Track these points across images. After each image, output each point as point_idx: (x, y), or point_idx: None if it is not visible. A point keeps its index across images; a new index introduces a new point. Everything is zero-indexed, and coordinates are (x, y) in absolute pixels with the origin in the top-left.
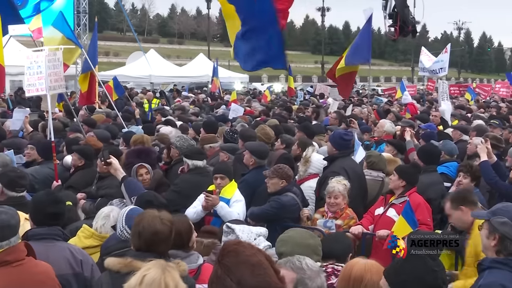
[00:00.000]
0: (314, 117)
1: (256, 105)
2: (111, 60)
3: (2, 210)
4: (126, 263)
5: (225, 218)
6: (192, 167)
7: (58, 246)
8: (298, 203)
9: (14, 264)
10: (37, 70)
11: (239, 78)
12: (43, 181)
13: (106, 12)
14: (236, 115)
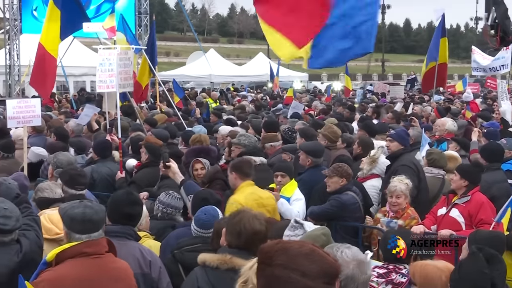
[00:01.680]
0: (374, 117)
1: (317, 103)
2: (172, 60)
3: (89, 205)
4: (226, 259)
5: (285, 215)
6: (258, 163)
7: (129, 245)
8: (359, 202)
9: (92, 256)
10: (109, 68)
11: (298, 77)
12: (101, 180)
13: (167, 13)
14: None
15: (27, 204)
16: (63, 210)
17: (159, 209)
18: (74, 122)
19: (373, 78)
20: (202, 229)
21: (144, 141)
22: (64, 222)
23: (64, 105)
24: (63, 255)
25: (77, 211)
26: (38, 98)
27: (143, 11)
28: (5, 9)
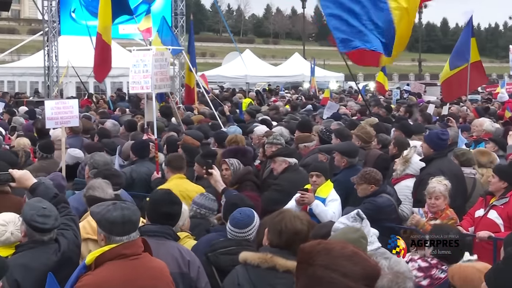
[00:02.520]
0: (407, 116)
1: (352, 104)
2: (208, 61)
3: (125, 206)
4: (267, 258)
5: (320, 216)
6: (293, 164)
7: (168, 244)
8: (394, 204)
9: (131, 257)
10: (143, 69)
11: (334, 77)
12: (140, 180)
13: (203, 14)
14: (331, 113)
15: (65, 204)
16: (99, 214)
17: (193, 209)
18: (111, 123)
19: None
20: (236, 228)
21: (181, 141)
22: (102, 226)
23: (102, 106)
24: (102, 258)
25: (116, 214)
26: (76, 99)
27: (179, 12)
28: (44, 11)
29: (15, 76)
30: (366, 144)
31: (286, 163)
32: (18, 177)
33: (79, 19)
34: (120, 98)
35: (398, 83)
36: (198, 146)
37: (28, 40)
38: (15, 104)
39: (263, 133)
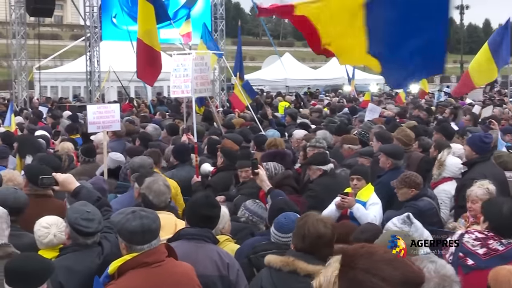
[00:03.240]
0: (452, 119)
1: (391, 106)
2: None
3: (144, 215)
4: (289, 261)
5: (361, 220)
6: (328, 171)
7: (207, 247)
8: (435, 207)
9: (153, 265)
10: (184, 73)
11: (374, 79)
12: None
13: (242, 18)
14: (373, 116)
15: (108, 207)
16: (119, 224)
17: (245, 215)
18: (152, 127)
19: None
20: (280, 233)
21: (221, 145)
22: (122, 236)
23: (143, 110)
24: (125, 266)
25: (135, 224)
26: (117, 103)
27: (219, 16)
28: (86, 17)
29: (58, 81)
30: (406, 146)
31: (320, 171)
32: (62, 180)
33: (120, 24)
34: (160, 102)
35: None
36: (237, 150)
37: (71, 46)
38: (58, 108)
39: (302, 137)
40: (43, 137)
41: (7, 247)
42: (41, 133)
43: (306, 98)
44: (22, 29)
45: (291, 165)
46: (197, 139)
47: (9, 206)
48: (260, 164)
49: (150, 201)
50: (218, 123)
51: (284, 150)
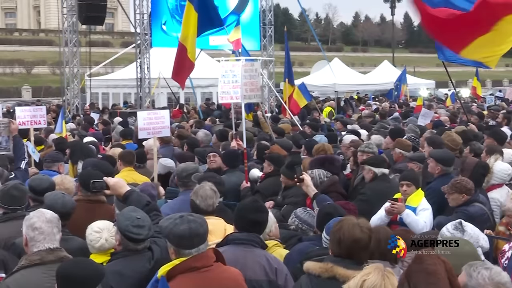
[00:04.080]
0: (505, 123)
1: (442, 111)
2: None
3: (192, 219)
4: (327, 268)
5: (411, 226)
6: (379, 174)
7: (255, 252)
8: (487, 213)
9: (201, 270)
10: (232, 79)
11: (424, 84)
12: (230, 189)
13: (291, 23)
14: (425, 121)
15: (157, 212)
16: (167, 229)
17: (295, 223)
18: (203, 132)
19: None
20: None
21: (268, 151)
22: (171, 240)
23: (192, 116)
24: (174, 271)
25: (183, 228)
26: (167, 109)
27: (268, 22)
28: (136, 24)
29: (109, 88)
30: (453, 152)
31: (372, 173)
32: (112, 184)
33: (170, 31)
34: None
35: (492, 89)
36: (285, 155)
37: (121, 53)
38: (109, 115)
39: (350, 142)
40: (93, 143)
41: (59, 251)
42: (90, 139)
43: (354, 103)
44: (74, 37)
45: (340, 171)
46: (246, 145)
47: (56, 211)
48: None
49: (197, 205)
50: (267, 128)
51: (333, 155)
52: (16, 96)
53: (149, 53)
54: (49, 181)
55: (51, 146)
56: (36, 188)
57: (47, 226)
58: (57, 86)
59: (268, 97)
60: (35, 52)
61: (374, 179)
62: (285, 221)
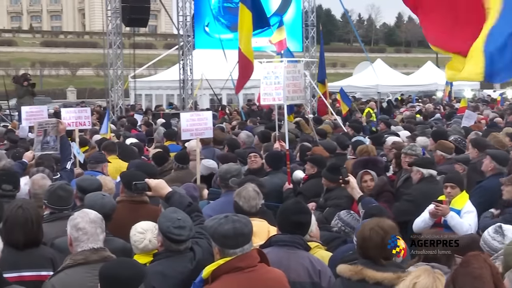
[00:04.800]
0: None
1: (488, 112)
2: (338, 71)
3: (236, 219)
4: (357, 270)
5: (456, 228)
6: (426, 175)
7: (299, 254)
8: None
9: (246, 270)
10: (275, 81)
11: (469, 85)
12: (273, 191)
13: (333, 24)
14: (469, 122)
15: (199, 213)
16: (211, 228)
17: (338, 225)
18: (245, 134)
19: None
20: None
21: (311, 152)
22: (216, 240)
23: (235, 117)
24: (218, 271)
25: (228, 227)
26: (210, 111)
27: (310, 23)
28: (179, 26)
29: (152, 90)
30: None
31: (420, 174)
32: (154, 186)
33: (213, 33)
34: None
35: None
36: (327, 157)
37: (164, 55)
38: (152, 116)
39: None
40: (137, 144)
41: (103, 251)
42: (132, 141)
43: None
44: (118, 39)
45: (383, 172)
46: (288, 146)
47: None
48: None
49: (240, 207)
50: (310, 129)
51: (376, 157)
52: (61, 97)
53: (192, 54)
54: (98, 182)
55: (95, 147)
56: (86, 188)
57: (91, 227)
58: (101, 88)
59: (310, 98)
60: (80, 54)
61: (421, 180)
62: (328, 223)
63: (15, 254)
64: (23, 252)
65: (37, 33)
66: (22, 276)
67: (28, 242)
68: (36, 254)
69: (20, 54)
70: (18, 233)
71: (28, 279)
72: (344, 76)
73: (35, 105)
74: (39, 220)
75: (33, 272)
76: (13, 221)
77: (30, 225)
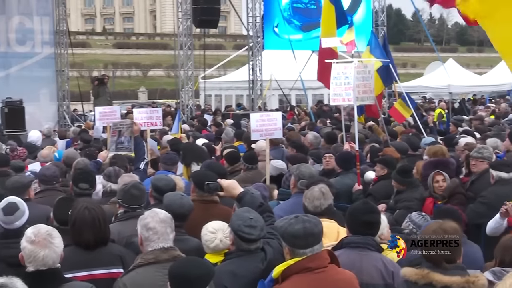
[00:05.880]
0: None
1: None
2: (409, 71)
3: (307, 219)
4: (424, 274)
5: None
6: (496, 178)
7: (371, 255)
8: None
9: (316, 271)
10: (345, 81)
11: None
12: (343, 191)
13: (403, 24)
14: None
15: (270, 213)
16: (282, 228)
17: (409, 227)
18: (312, 135)
19: None
20: None
21: (382, 153)
22: (286, 240)
23: (303, 118)
24: (289, 271)
25: (298, 227)
26: (280, 111)
27: (380, 23)
28: (249, 27)
29: (221, 90)
30: None
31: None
32: (226, 186)
33: (282, 34)
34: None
35: None
36: (398, 158)
37: (234, 56)
38: (222, 117)
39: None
40: (207, 145)
41: (173, 250)
42: (203, 141)
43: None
44: (189, 40)
45: (455, 174)
46: (358, 147)
47: (174, 211)
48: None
49: (305, 207)
50: (385, 130)
51: (448, 158)
52: (133, 98)
53: (261, 55)
54: (174, 183)
55: (166, 147)
56: (162, 188)
57: (161, 226)
58: (171, 88)
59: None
60: (151, 55)
61: (496, 183)
62: (398, 225)
63: (85, 253)
64: (93, 251)
65: (110, 35)
66: (93, 274)
67: (97, 241)
68: (105, 253)
69: (93, 55)
70: (87, 233)
71: (99, 277)
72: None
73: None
74: (105, 219)
75: (103, 270)
76: (81, 222)
77: (98, 225)
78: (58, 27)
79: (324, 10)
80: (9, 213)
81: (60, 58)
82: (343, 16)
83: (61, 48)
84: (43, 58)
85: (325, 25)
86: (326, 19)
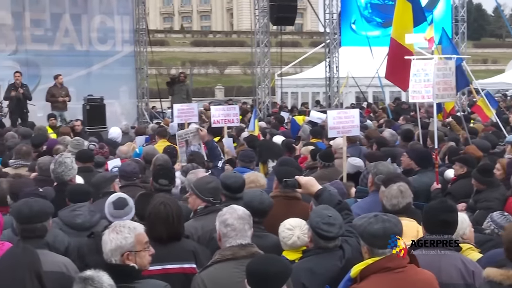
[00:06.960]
0: None
1: None
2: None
3: (386, 218)
4: (509, 275)
5: None
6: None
7: (450, 255)
8: None
9: (395, 270)
10: (424, 78)
11: None
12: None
13: (484, 19)
14: None
15: (348, 211)
16: (361, 227)
17: (490, 227)
18: (389, 133)
19: None
20: None
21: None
22: (364, 239)
23: (380, 115)
24: (367, 270)
25: (377, 227)
26: (357, 109)
27: (460, 18)
28: (326, 24)
29: (298, 87)
30: None
31: None
32: (304, 183)
33: (359, 30)
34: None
35: None
36: (480, 156)
37: (310, 53)
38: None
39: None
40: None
41: (250, 247)
42: (279, 138)
43: None
44: (266, 37)
45: None
46: (437, 145)
47: (254, 208)
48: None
49: (383, 205)
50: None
51: None
52: (210, 95)
53: (338, 52)
54: (243, 180)
55: (242, 144)
56: (231, 185)
57: (239, 223)
58: (248, 86)
59: (460, 95)
60: (228, 53)
61: None
62: (478, 226)
63: (158, 247)
64: (166, 246)
65: (188, 33)
66: (166, 268)
67: (170, 236)
68: (179, 248)
69: (171, 53)
70: (160, 228)
71: (172, 272)
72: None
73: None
74: (179, 215)
75: (176, 264)
76: (155, 216)
77: (171, 220)
78: (138, 26)
79: (398, 7)
80: (120, 207)
81: (139, 56)
82: (422, 12)
83: (141, 46)
84: (123, 56)
85: (398, 23)
86: (400, 16)
